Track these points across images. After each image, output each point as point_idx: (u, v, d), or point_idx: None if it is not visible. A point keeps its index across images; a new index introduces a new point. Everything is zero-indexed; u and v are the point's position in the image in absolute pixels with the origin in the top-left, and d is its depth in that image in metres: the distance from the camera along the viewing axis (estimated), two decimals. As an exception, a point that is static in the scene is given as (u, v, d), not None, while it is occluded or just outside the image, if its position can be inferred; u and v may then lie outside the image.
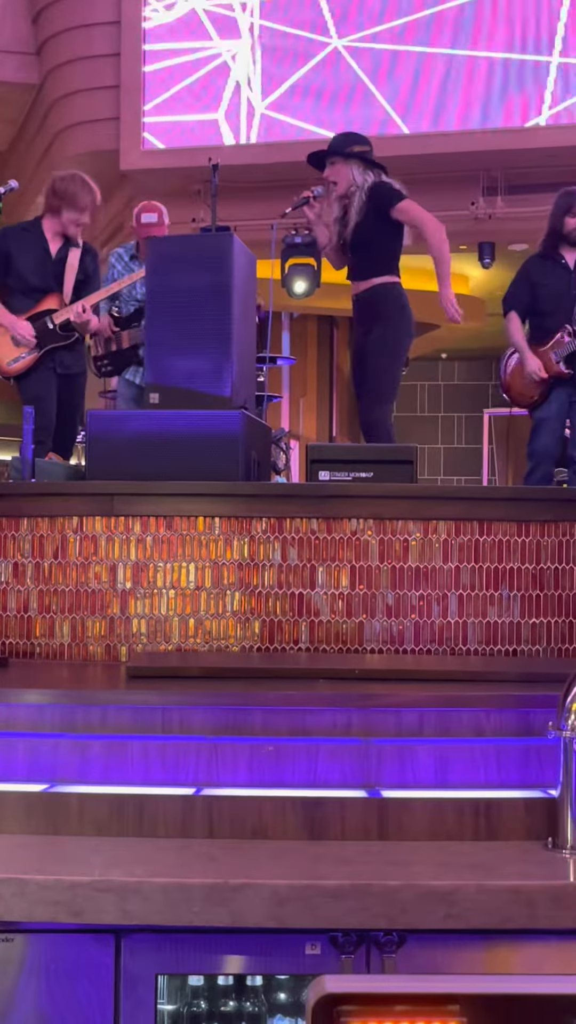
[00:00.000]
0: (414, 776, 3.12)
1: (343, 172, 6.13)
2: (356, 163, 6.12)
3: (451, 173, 11.01)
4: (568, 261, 6.61)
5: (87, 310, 6.32)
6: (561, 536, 4.38)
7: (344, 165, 6.13)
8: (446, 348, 18.57)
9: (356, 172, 6.11)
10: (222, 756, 3.12)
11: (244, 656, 4.26)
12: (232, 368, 4.79)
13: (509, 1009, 1.60)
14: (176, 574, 4.33)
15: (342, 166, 6.14)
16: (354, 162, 6.12)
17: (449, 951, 2.52)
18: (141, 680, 3.68)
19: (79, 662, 4.31)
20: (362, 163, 6.14)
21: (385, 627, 4.33)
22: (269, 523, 4.34)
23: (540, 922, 2.48)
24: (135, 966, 2.55)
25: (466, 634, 4.33)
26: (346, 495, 4.48)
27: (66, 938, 2.55)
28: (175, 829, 2.82)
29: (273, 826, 2.83)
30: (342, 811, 2.84)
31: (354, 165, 6.12)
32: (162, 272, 4.91)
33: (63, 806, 2.86)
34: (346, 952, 2.52)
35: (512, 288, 6.86)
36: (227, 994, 2.84)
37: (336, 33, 11.20)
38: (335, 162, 6.17)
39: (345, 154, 6.14)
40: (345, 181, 6.13)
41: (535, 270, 6.74)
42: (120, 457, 4.64)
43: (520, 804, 2.89)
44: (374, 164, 6.16)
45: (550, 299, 6.58)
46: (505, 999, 1.61)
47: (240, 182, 10.50)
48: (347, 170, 6.12)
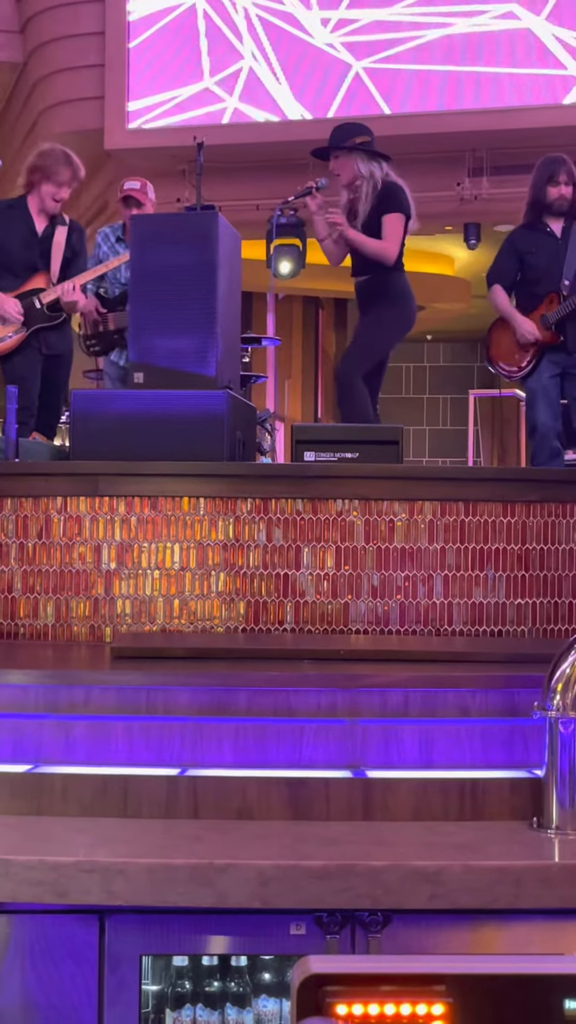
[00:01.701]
0: (399, 756, 3.12)
1: (347, 164, 6.23)
2: (359, 155, 6.21)
3: (437, 153, 10.99)
4: (554, 229, 6.55)
5: (77, 289, 6.28)
6: (546, 517, 4.37)
7: (347, 157, 6.22)
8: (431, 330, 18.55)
9: (360, 164, 6.20)
10: (207, 736, 3.11)
11: (229, 637, 4.25)
12: (217, 347, 4.77)
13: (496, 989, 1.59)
14: (161, 554, 4.32)
15: (345, 158, 6.23)
16: (357, 154, 6.21)
17: (434, 931, 2.51)
18: (125, 661, 3.67)
19: (63, 643, 4.29)
20: (365, 154, 6.22)
21: (370, 608, 4.32)
22: (254, 503, 4.33)
23: (526, 902, 2.48)
24: (119, 946, 2.55)
25: (451, 615, 4.33)
26: (331, 476, 4.46)
27: (50, 918, 2.54)
28: (160, 810, 2.81)
29: (258, 806, 2.82)
30: (327, 791, 2.84)
31: (358, 157, 6.21)
32: (146, 250, 4.88)
33: (47, 787, 2.85)
34: (331, 932, 2.52)
35: (496, 262, 6.78)
36: (211, 974, 2.83)
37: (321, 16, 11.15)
38: (338, 155, 6.26)
39: (347, 147, 6.22)
40: (349, 172, 6.22)
41: (521, 241, 6.66)
42: (104, 437, 4.62)
43: (505, 784, 2.89)
44: (377, 154, 6.23)
45: (538, 268, 6.51)
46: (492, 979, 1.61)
47: (225, 162, 10.46)
48: (351, 162, 6.21)
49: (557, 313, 6.40)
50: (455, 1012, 1.60)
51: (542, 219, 6.58)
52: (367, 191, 6.17)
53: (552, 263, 6.48)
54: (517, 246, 6.67)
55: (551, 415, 6.49)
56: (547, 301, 6.47)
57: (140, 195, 7.08)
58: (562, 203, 6.50)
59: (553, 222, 6.55)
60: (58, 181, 6.28)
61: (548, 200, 6.51)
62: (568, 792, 2.74)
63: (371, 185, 6.16)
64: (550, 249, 6.51)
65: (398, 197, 6.20)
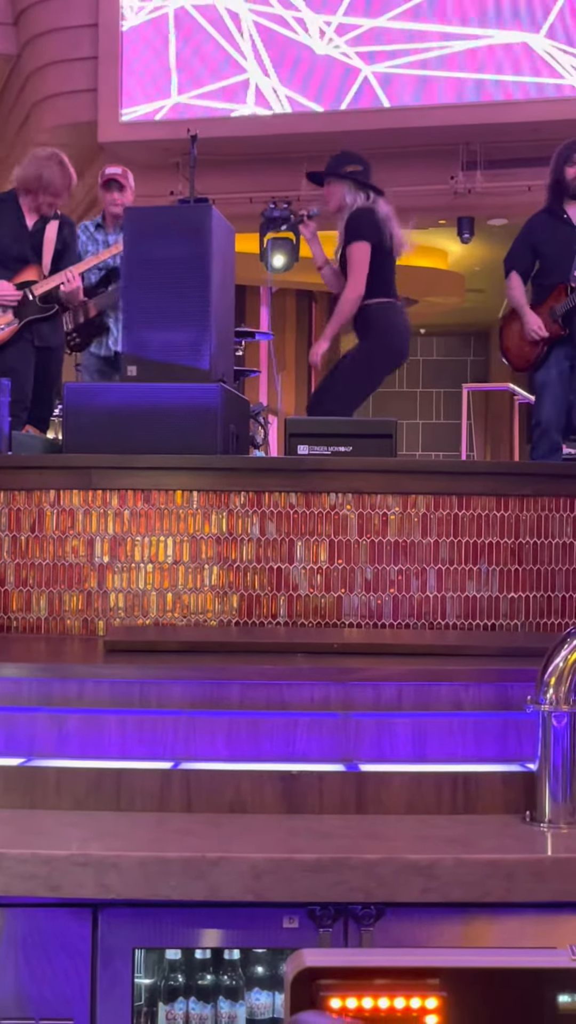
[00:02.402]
0: (392, 750, 3.12)
1: (336, 191, 6.24)
2: (348, 183, 6.22)
3: (431, 147, 11.00)
4: (572, 217, 6.47)
5: (77, 278, 6.28)
6: (540, 511, 4.37)
7: (338, 184, 6.24)
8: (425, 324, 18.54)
9: (347, 193, 6.21)
10: (200, 730, 3.11)
11: (222, 630, 4.25)
12: (211, 340, 4.76)
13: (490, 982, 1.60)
14: (154, 548, 4.31)
15: (336, 186, 6.24)
16: (347, 182, 6.22)
17: (427, 925, 2.51)
18: (118, 654, 3.66)
19: (56, 636, 4.29)
20: (354, 184, 6.21)
21: (364, 601, 4.32)
22: (248, 497, 4.33)
23: (518, 895, 2.48)
24: (112, 940, 2.54)
25: (445, 608, 4.33)
26: (325, 469, 4.46)
27: (43, 912, 2.54)
28: (153, 803, 2.81)
29: (251, 800, 2.82)
30: (320, 785, 2.83)
31: (346, 185, 6.21)
32: (140, 243, 4.87)
33: (40, 780, 2.85)
34: (324, 926, 2.52)
35: (513, 247, 6.72)
36: (204, 968, 2.83)
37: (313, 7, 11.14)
38: (330, 181, 6.27)
39: (339, 174, 6.23)
40: (336, 200, 6.24)
41: (538, 227, 6.59)
42: (97, 430, 4.61)
43: (498, 778, 2.89)
44: (365, 185, 6.21)
45: (552, 256, 6.44)
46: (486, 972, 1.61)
47: (219, 155, 10.45)
48: (340, 190, 6.23)
49: (564, 306, 6.35)
50: (449, 1005, 1.60)
51: (561, 205, 6.49)
52: (343, 220, 6.19)
53: (565, 251, 6.40)
54: (534, 233, 6.60)
55: (555, 410, 6.45)
56: (556, 293, 6.42)
57: (122, 179, 7.06)
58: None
59: (572, 208, 6.47)
60: (55, 192, 6.32)
61: (567, 180, 6.43)
62: (561, 786, 2.74)
63: (344, 216, 6.18)
64: (565, 237, 6.42)
65: (358, 224, 6.13)
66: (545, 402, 6.47)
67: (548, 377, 6.47)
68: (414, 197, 11.71)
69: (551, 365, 6.45)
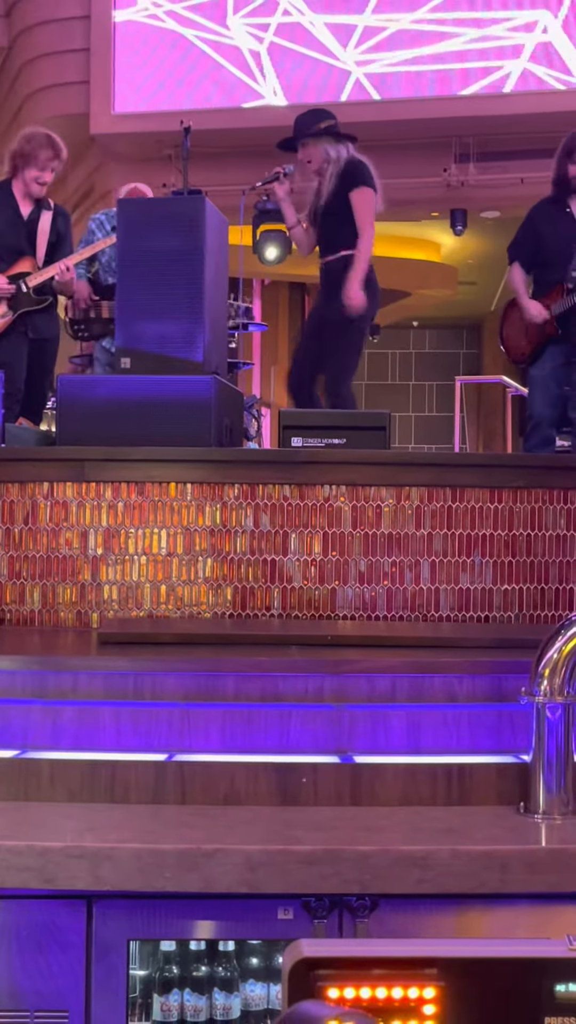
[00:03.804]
0: (387, 742, 3.12)
1: (315, 150, 6.24)
2: (327, 139, 6.23)
3: (423, 139, 10.98)
4: (573, 210, 6.45)
5: (70, 269, 6.27)
6: (533, 503, 4.37)
7: (316, 143, 6.23)
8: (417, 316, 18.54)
9: (328, 147, 6.22)
10: (194, 722, 3.11)
11: (216, 622, 4.25)
12: (204, 332, 4.76)
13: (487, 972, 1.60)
14: (148, 540, 4.31)
15: (314, 145, 6.24)
16: (324, 139, 6.23)
17: (421, 916, 2.52)
18: (112, 646, 3.66)
19: (50, 628, 4.28)
20: (332, 138, 6.24)
21: (357, 593, 4.32)
22: (241, 489, 4.32)
23: (512, 886, 2.48)
24: (107, 932, 2.55)
25: (438, 600, 4.33)
26: (319, 461, 4.46)
27: (38, 904, 2.54)
28: (147, 795, 2.81)
29: (245, 792, 2.82)
30: (315, 777, 2.84)
31: (325, 141, 6.23)
32: (133, 235, 4.86)
33: (35, 772, 2.84)
34: (318, 917, 2.52)
35: (516, 237, 6.67)
36: (199, 959, 2.84)
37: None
38: (307, 143, 6.26)
39: (315, 133, 6.23)
40: (319, 158, 6.23)
41: (540, 217, 6.54)
42: (91, 422, 4.61)
43: (492, 769, 2.89)
44: (343, 136, 6.25)
45: (552, 248, 6.40)
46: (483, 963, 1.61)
47: (212, 147, 10.43)
48: (319, 147, 6.23)
49: (560, 306, 6.35)
50: (446, 995, 1.60)
51: (565, 199, 6.47)
52: (332, 172, 6.18)
53: (564, 248, 6.37)
54: (536, 223, 6.55)
55: (548, 405, 6.46)
56: (554, 292, 6.40)
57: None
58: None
59: (573, 202, 6.44)
60: (40, 164, 6.26)
61: (569, 177, 6.40)
62: (555, 777, 2.75)
63: (336, 166, 6.18)
64: (566, 231, 6.39)
65: (363, 172, 6.20)
66: (536, 397, 6.50)
67: (542, 373, 6.49)
68: (407, 190, 11.70)
69: (545, 361, 6.46)
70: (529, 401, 6.61)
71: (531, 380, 6.57)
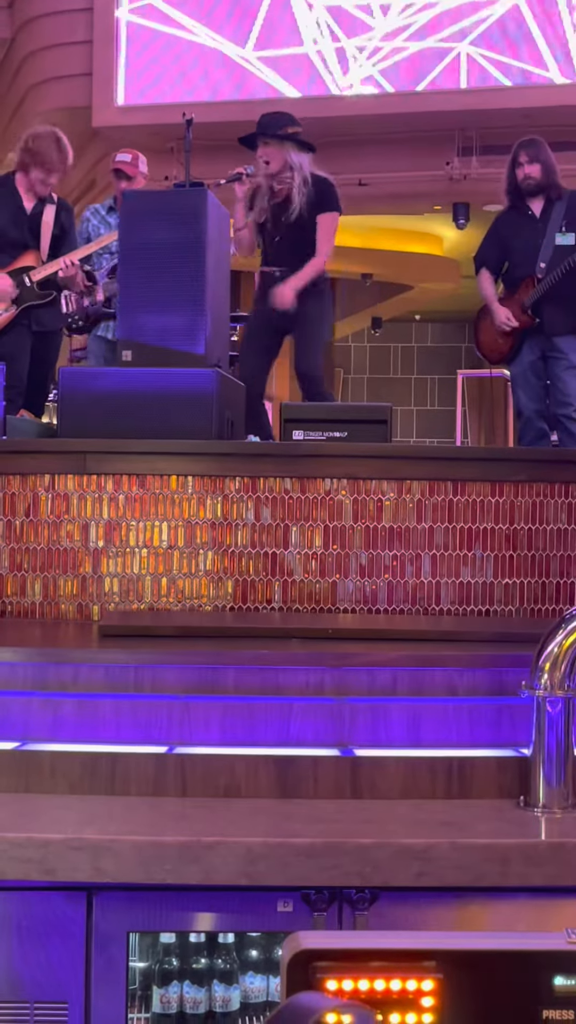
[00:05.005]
0: (387, 735, 3.12)
1: (277, 153, 6.23)
2: (291, 145, 6.24)
3: (426, 133, 10.96)
4: (535, 211, 6.57)
5: (75, 264, 6.27)
6: (534, 497, 4.37)
7: (278, 146, 6.23)
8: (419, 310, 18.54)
9: (292, 154, 6.23)
10: (195, 714, 3.11)
11: (217, 615, 4.25)
12: (206, 325, 4.75)
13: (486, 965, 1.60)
14: (149, 533, 4.31)
15: (276, 147, 6.24)
16: (289, 144, 6.24)
17: (421, 909, 2.52)
18: (113, 639, 3.66)
19: (51, 621, 4.29)
20: (296, 144, 6.25)
21: (358, 587, 4.32)
22: (243, 482, 4.32)
23: (512, 880, 2.49)
24: (107, 924, 2.55)
25: (439, 594, 4.33)
26: (320, 455, 4.46)
27: (37, 896, 2.54)
28: (148, 787, 2.81)
29: (246, 784, 2.82)
30: (315, 770, 2.84)
31: (289, 146, 6.24)
32: (135, 227, 4.85)
33: (35, 764, 2.85)
34: (318, 909, 2.52)
35: (482, 245, 6.88)
36: (199, 951, 2.84)
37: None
38: (269, 143, 6.26)
39: (280, 136, 6.24)
40: (279, 161, 6.23)
41: (504, 224, 6.74)
42: (92, 415, 4.60)
43: (492, 763, 2.89)
44: (306, 145, 6.28)
45: (520, 251, 6.57)
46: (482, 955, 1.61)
47: (213, 140, 10.41)
48: (281, 151, 6.22)
49: (531, 297, 6.43)
50: (445, 988, 1.60)
51: (523, 201, 6.60)
52: (296, 182, 6.20)
53: (531, 245, 6.50)
54: (499, 230, 6.74)
55: (532, 398, 6.55)
56: (524, 285, 6.51)
57: (130, 168, 7.10)
58: (529, 183, 6.53)
59: (534, 203, 6.57)
60: (48, 168, 6.27)
61: (518, 182, 6.54)
62: (555, 771, 2.75)
63: (300, 177, 6.21)
64: (530, 231, 6.54)
65: (334, 195, 6.32)
66: (519, 392, 6.62)
67: (521, 368, 6.60)
68: (409, 183, 11.71)
69: (523, 356, 6.57)
70: (514, 399, 6.70)
71: (512, 378, 6.70)
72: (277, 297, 6.18)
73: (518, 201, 6.63)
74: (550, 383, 6.53)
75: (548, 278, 6.36)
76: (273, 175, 6.25)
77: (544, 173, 6.50)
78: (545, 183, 6.51)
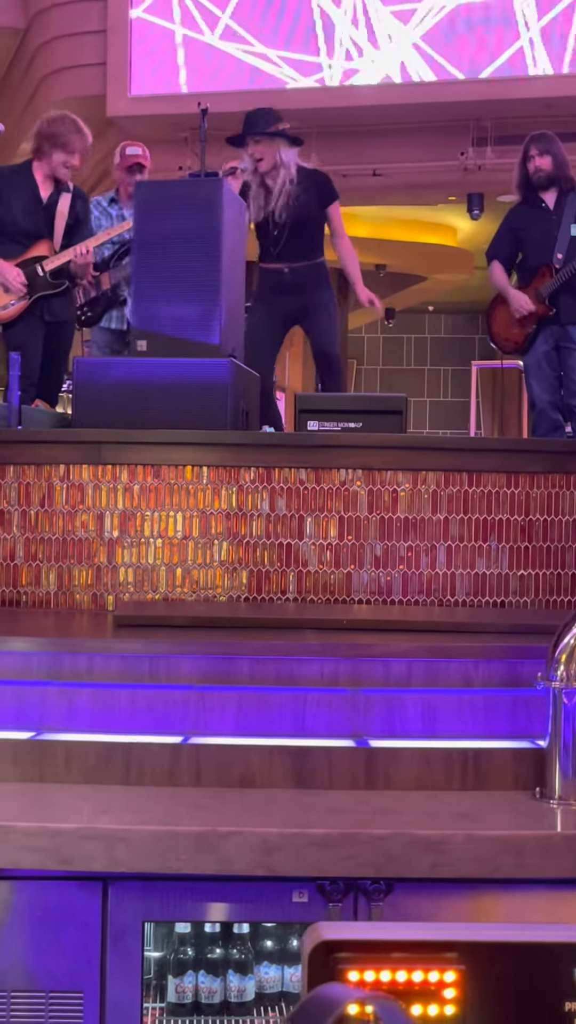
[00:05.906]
0: (402, 726, 3.11)
1: (269, 150, 6.28)
2: (282, 141, 6.30)
3: (441, 123, 10.93)
4: (548, 203, 6.59)
5: (90, 252, 6.26)
6: (550, 488, 4.36)
7: (270, 143, 6.28)
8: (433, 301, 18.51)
9: (283, 150, 6.29)
10: (209, 705, 3.11)
11: (231, 606, 4.25)
12: (221, 315, 4.75)
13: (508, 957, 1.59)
14: (163, 523, 4.31)
15: (267, 144, 6.28)
16: (280, 140, 6.29)
17: (436, 900, 2.51)
18: (128, 629, 3.66)
19: (65, 611, 4.29)
20: (287, 141, 6.30)
21: (373, 578, 4.31)
22: (257, 472, 4.32)
23: (528, 871, 2.48)
24: (122, 913, 2.55)
25: (454, 585, 4.33)
26: (335, 445, 4.45)
27: (53, 885, 2.54)
28: (163, 777, 2.81)
29: (260, 775, 2.82)
30: (330, 760, 2.83)
31: (280, 143, 6.29)
32: (150, 217, 4.84)
33: (50, 754, 2.85)
34: (333, 900, 2.52)
35: (495, 239, 6.93)
36: (214, 941, 2.84)
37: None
38: (259, 140, 6.30)
39: (270, 133, 6.28)
40: (271, 158, 6.28)
41: (517, 218, 6.76)
42: (107, 405, 4.60)
43: (508, 754, 2.89)
44: (295, 140, 6.34)
45: (534, 243, 6.59)
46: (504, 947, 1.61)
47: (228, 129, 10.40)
48: (273, 148, 6.28)
49: (549, 287, 6.44)
50: (467, 979, 1.60)
51: (536, 194, 6.62)
52: (288, 178, 6.26)
53: (546, 237, 6.52)
54: (513, 223, 6.77)
55: (546, 388, 6.57)
56: (540, 275, 6.51)
57: (144, 160, 7.15)
58: (540, 176, 6.57)
59: (547, 195, 6.59)
60: (71, 149, 6.25)
61: (530, 175, 6.57)
62: (571, 762, 2.74)
63: (292, 172, 6.28)
64: (544, 223, 6.56)
65: (332, 184, 6.47)
66: (533, 382, 6.63)
67: (535, 358, 6.61)
68: (424, 173, 11.67)
69: (537, 346, 6.58)
70: (528, 390, 6.71)
71: (526, 368, 6.70)
72: (370, 298, 6.55)
73: (530, 194, 6.66)
74: (564, 374, 6.54)
75: (567, 268, 6.36)
76: (265, 172, 6.29)
77: (555, 165, 6.55)
78: (556, 175, 6.56)
